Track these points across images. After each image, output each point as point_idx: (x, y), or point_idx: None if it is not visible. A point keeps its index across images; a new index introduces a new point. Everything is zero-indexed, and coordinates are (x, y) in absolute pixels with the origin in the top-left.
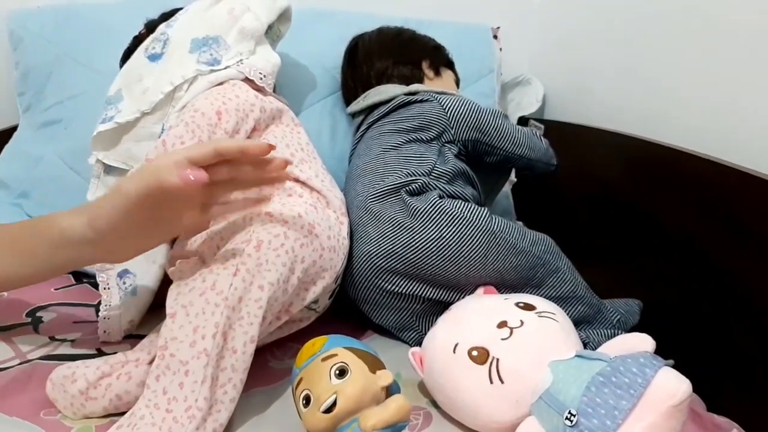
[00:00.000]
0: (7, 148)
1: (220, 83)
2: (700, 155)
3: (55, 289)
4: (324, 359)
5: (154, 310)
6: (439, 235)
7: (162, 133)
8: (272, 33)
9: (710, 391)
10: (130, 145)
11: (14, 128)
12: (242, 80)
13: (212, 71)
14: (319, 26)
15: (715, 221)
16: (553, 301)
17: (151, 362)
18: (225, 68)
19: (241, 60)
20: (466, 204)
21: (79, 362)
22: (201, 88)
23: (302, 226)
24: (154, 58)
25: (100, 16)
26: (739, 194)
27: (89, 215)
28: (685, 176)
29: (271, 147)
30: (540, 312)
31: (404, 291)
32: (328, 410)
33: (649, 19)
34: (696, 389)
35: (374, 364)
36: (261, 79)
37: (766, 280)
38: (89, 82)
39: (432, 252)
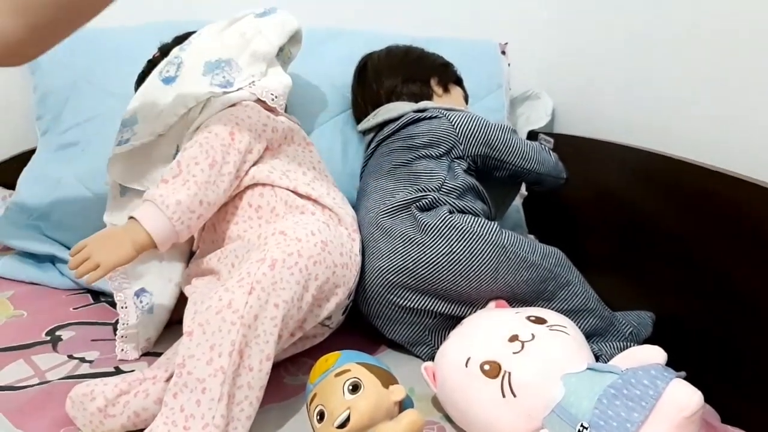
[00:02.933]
0: (26, 170)
1: (233, 104)
2: (709, 167)
3: (74, 309)
4: (337, 375)
5: (171, 328)
6: (450, 250)
7: (176, 154)
8: (283, 55)
9: (724, 402)
10: (146, 167)
11: (33, 151)
12: (254, 101)
13: (225, 93)
14: (329, 46)
15: (726, 233)
16: (564, 315)
17: (168, 379)
18: (237, 90)
19: (253, 82)
20: (476, 219)
21: (97, 380)
22: (214, 110)
23: (315, 244)
24: (168, 81)
25: (115, 40)
26: (749, 205)
27: None
28: (695, 188)
29: None
30: (551, 325)
31: (416, 306)
32: (342, 425)
33: (656, 33)
34: (710, 400)
35: (387, 379)
36: (273, 100)
37: None
38: (106, 105)
39: (443, 267)
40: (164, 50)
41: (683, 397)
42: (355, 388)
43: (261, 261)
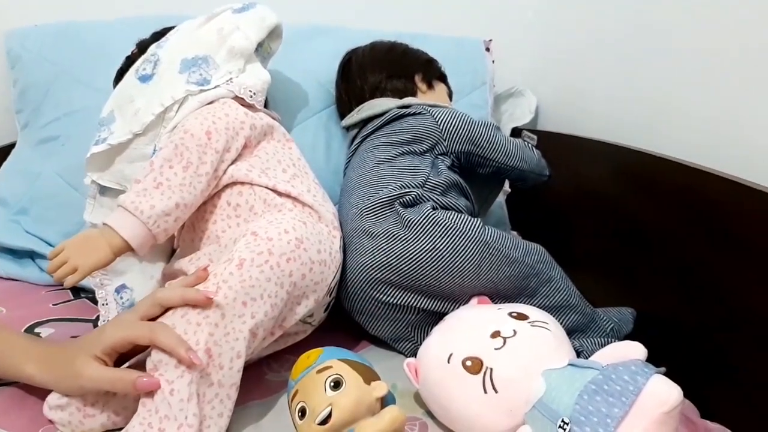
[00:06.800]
0: (5, 164)
1: (210, 102)
2: (690, 165)
3: (53, 305)
4: (319, 371)
5: None
6: (433, 246)
7: (153, 154)
8: (263, 50)
9: (703, 397)
10: (123, 166)
11: (12, 145)
12: (232, 98)
13: (202, 91)
14: (314, 41)
15: (706, 230)
16: (546, 311)
17: None
18: (214, 87)
19: (230, 78)
20: (459, 215)
21: None
22: (191, 108)
23: (289, 241)
24: (144, 79)
25: (97, 34)
26: (731, 203)
27: (41, 368)
28: (676, 186)
29: (206, 274)
30: (533, 321)
31: (399, 302)
32: (324, 422)
33: (642, 30)
34: (689, 396)
35: (369, 375)
36: (251, 96)
37: (758, 288)
38: (86, 99)
39: (426, 263)
40: (142, 47)
41: (663, 392)
42: (336, 384)
43: (228, 261)
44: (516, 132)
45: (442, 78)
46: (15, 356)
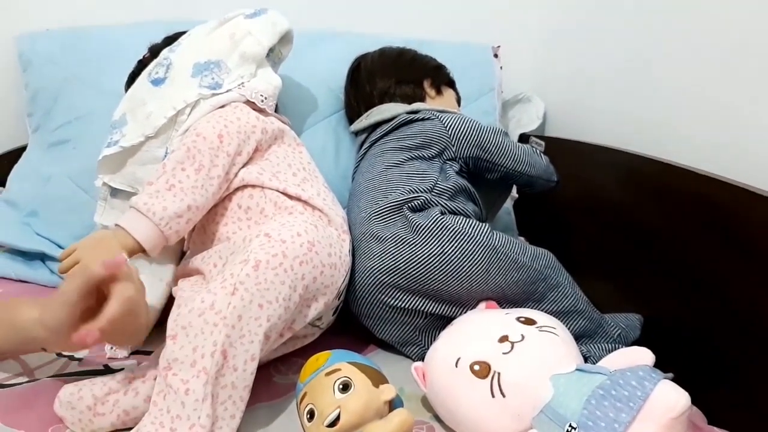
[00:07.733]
0: (16, 167)
1: (222, 106)
2: (697, 171)
3: None
4: (328, 374)
5: (161, 326)
6: (441, 250)
7: (165, 156)
8: (273, 55)
9: (710, 403)
10: (135, 168)
11: (24, 148)
12: (244, 102)
13: (214, 95)
14: (323, 47)
15: (713, 236)
16: (554, 316)
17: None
18: (226, 91)
19: (242, 83)
20: (468, 220)
21: (86, 380)
22: (203, 112)
23: (301, 245)
24: (157, 82)
25: (107, 38)
26: (738, 209)
27: (41, 311)
28: (683, 192)
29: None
30: (541, 326)
31: (407, 306)
32: (332, 424)
33: (648, 38)
34: (696, 402)
35: (377, 378)
36: (262, 101)
37: (765, 293)
38: (97, 103)
39: (434, 267)
40: (154, 51)
41: (670, 398)
42: (345, 387)
43: (244, 262)
44: (524, 138)
45: (451, 84)
46: (11, 307)
